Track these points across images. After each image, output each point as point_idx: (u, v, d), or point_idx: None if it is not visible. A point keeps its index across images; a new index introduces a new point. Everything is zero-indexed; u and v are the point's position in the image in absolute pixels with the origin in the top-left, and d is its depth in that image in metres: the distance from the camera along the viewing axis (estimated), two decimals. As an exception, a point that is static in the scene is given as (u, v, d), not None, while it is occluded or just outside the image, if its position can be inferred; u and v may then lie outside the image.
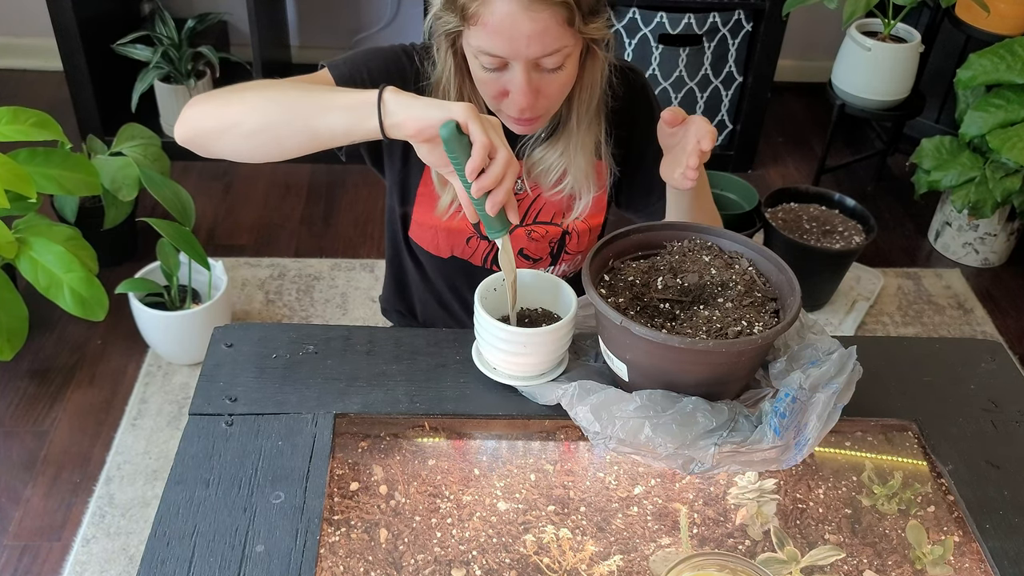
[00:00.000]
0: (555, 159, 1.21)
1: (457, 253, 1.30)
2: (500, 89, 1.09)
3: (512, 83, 1.07)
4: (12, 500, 1.87)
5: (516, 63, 1.05)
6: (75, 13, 2.52)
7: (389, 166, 1.27)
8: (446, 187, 1.22)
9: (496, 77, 1.08)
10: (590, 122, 1.19)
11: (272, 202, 2.76)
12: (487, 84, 1.10)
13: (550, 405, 1.05)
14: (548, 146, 1.21)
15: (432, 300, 1.41)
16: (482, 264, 1.32)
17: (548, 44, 1.04)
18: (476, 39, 1.05)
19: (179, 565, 0.88)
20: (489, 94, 1.11)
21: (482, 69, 1.08)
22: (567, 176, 1.22)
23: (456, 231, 1.28)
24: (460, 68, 1.14)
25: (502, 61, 1.06)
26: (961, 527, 1.01)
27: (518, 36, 1.02)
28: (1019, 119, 2.35)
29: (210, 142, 1.07)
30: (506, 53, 1.04)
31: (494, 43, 1.04)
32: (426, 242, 1.30)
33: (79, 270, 1.80)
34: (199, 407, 1.04)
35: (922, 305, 2.58)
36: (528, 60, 1.05)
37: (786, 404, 0.97)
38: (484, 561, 0.95)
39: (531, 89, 1.07)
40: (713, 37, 2.77)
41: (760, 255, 1.08)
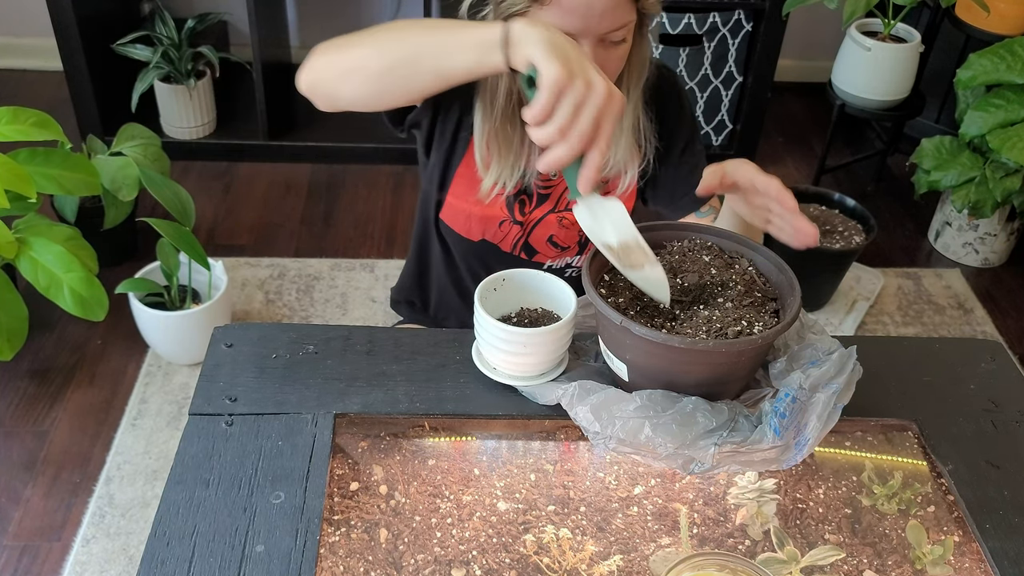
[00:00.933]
0: None
1: (488, 237, 1.32)
2: None
3: None
4: (12, 500, 1.87)
5: (585, 39, 1.09)
6: (75, 13, 2.52)
7: (437, 146, 1.28)
8: (488, 171, 1.24)
9: None
10: (636, 101, 1.23)
11: (272, 202, 2.76)
12: None
13: (550, 405, 1.05)
14: None
15: (451, 288, 1.42)
16: (510, 250, 1.33)
17: (619, 18, 1.09)
18: (548, 16, 1.08)
19: (179, 565, 0.88)
20: None
21: None
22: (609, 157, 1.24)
23: (490, 217, 1.30)
24: None
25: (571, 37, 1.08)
26: (961, 527, 1.01)
27: (592, 13, 1.07)
28: (1019, 119, 2.35)
29: (335, 87, 1.07)
30: (578, 30, 1.08)
31: (567, 20, 1.07)
32: (458, 225, 1.32)
33: (79, 270, 1.80)
34: (199, 407, 1.04)
35: (922, 305, 2.58)
36: (597, 36, 1.09)
37: (786, 404, 0.97)
38: (484, 561, 0.95)
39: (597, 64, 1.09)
40: (713, 37, 2.77)
41: (760, 255, 1.08)
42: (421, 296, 1.50)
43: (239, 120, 2.96)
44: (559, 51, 0.89)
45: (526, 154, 1.25)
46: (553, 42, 0.90)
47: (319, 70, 1.08)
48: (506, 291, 1.09)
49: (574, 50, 0.91)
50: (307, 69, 1.08)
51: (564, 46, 0.90)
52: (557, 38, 0.91)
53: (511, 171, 1.25)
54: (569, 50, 0.90)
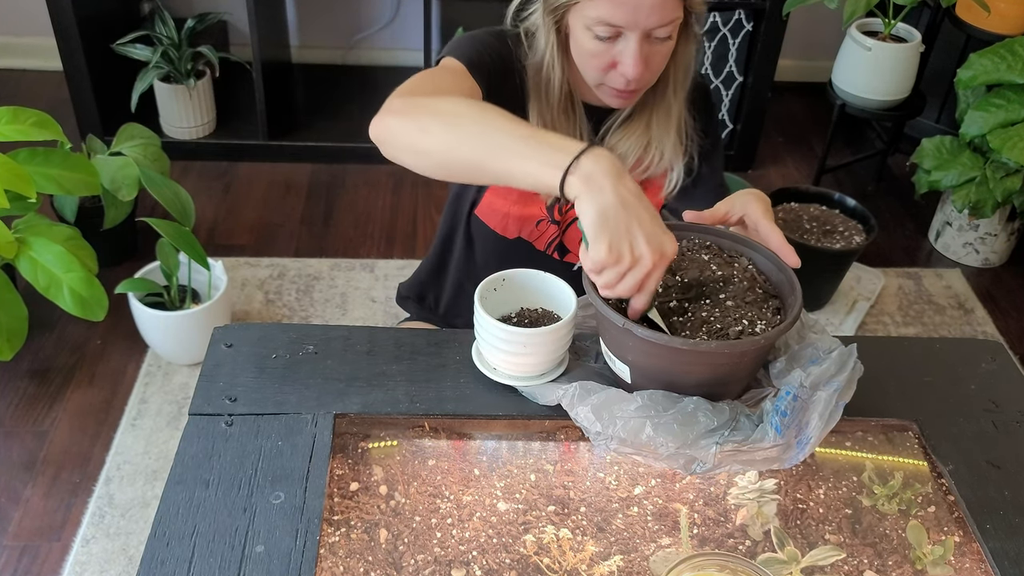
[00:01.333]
0: (633, 141, 1.26)
1: (524, 235, 1.33)
2: (609, 61, 1.13)
3: (624, 53, 1.12)
4: (12, 500, 1.87)
5: (631, 33, 1.10)
6: (75, 13, 2.52)
7: None
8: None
9: (606, 48, 1.12)
10: (682, 100, 1.25)
11: (272, 202, 2.76)
12: (596, 56, 1.14)
13: (550, 405, 1.05)
14: (626, 129, 1.26)
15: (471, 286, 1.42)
16: (544, 249, 1.34)
17: (666, 14, 1.09)
18: (595, 10, 1.09)
19: (179, 565, 0.88)
20: (597, 66, 1.15)
21: (593, 40, 1.12)
22: (647, 157, 1.26)
23: (529, 216, 1.31)
24: (563, 46, 1.19)
25: (617, 31, 1.10)
26: (961, 527, 1.01)
27: (640, 7, 1.08)
28: (1019, 119, 2.35)
29: (399, 155, 1.03)
30: (625, 23, 1.09)
31: (616, 13, 1.08)
32: (494, 222, 1.33)
33: (79, 270, 1.80)
34: (199, 407, 1.04)
35: (922, 305, 2.58)
36: (644, 30, 1.10)
37: (787, 402, 0.97)
38: (484, 561, 0.95)
39: (642, 59, 1.12)
40: (713, 37, 2.77)
41: (759, 254, 1.08)
42: (435, 293, 1.50)
43: (239, 120, 2.96)
44: (608, 227, 0.89)
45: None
46: (604, 214, 0.89)
47: (391, 130, 1.03)
48: (506, 291, 1.09)
49: (624, 218, 0.89)
50: (381, 124, 1.04)
51: (615, 218, 0.89)
52: (609, 204, 0.89)
53: None
54: (619, 222, 0.89)
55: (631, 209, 0.90)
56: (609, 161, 0.91)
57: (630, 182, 0.92)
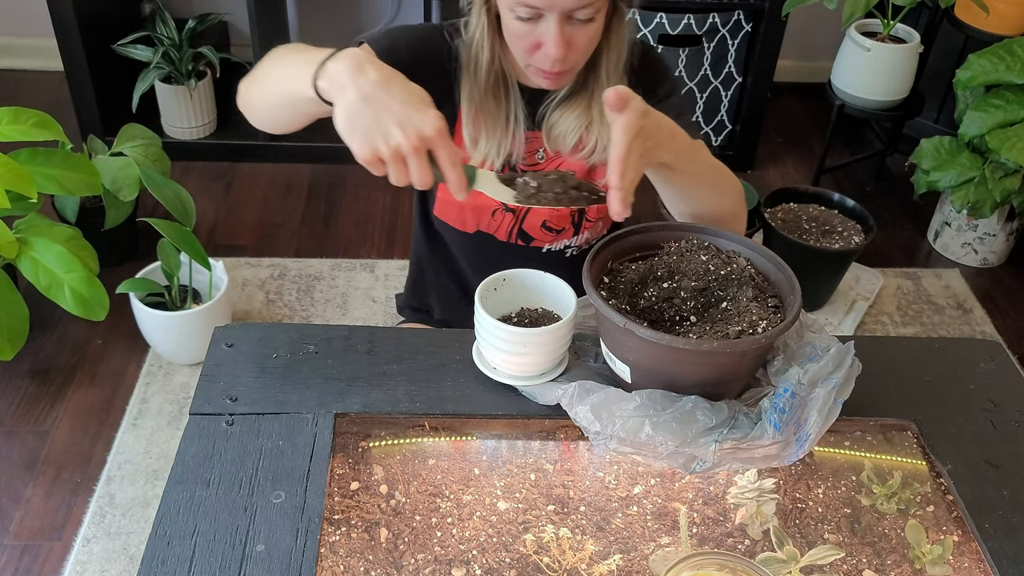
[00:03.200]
0: (572, 121, 1.24)
1: (483, 227, 1.33)
2: (533, 42, 1.13)
3: (545, 35, 1.11)
4: (13, 500, 1.88)
5: (551, 14, 1.10)
6: (76, 13, 2.52)
7: None
8: (476, 147, 1.25)
9: (530, 29, 1.12)
10: (618, 80, 1.23)
11: (272, 202, 2.77)
12: (520, 37, 1.14)
13: (550, 405, 1.05)
14: (565, 108, 1.25)
15: (454, 289, 1.43)
16: (507, 239, 1.34)
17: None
18: None
19: (179, 565, 0.88)
20: (522, 47, 1.15)
21: (516, 21, 1.12)
22: (588, 139, 1.25)
23: (482, 207, 1.31)
24: (492, 26, 1.19)
25: (537, 12, 1.10)
26: (960, 527, 1.01)
27: None
28: (1018, 119, 2.36)
29: (248, 116, 1.16)
30: (543, 4, 1.09)
31: None
32: (451, 218, 1.33)
33: (80, 270, 1.81)
34: (199, 407, 1.05)
35: (921, 305, 2.58)
36: (563, 11, 1.09)
37: (785, 399, 0.97)
38: (484, 561, 0.95)
39: (563, 40, 1.11)
40: (713, 37, 2.77)
41: (758, 254, 1.08)
42: (427, 301, 1.50)
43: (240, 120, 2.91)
44: (356, 124, 0.90)
45: (511, 132, 1.25)
46: (349, 112, 0.90)
47: (239, 97, 1.14)
48: (506, 291, 1.10)
49: (368, 111, 0.90)
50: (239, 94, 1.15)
51: (359, 114, 0.90)
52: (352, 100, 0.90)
53: (497, 148, 1.25)
54: (364, 116, 0.90)
55: (374, 100, 0.90)
56: (351, 57, 0.91)
57: (373, 72, 0.91)
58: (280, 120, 1.11)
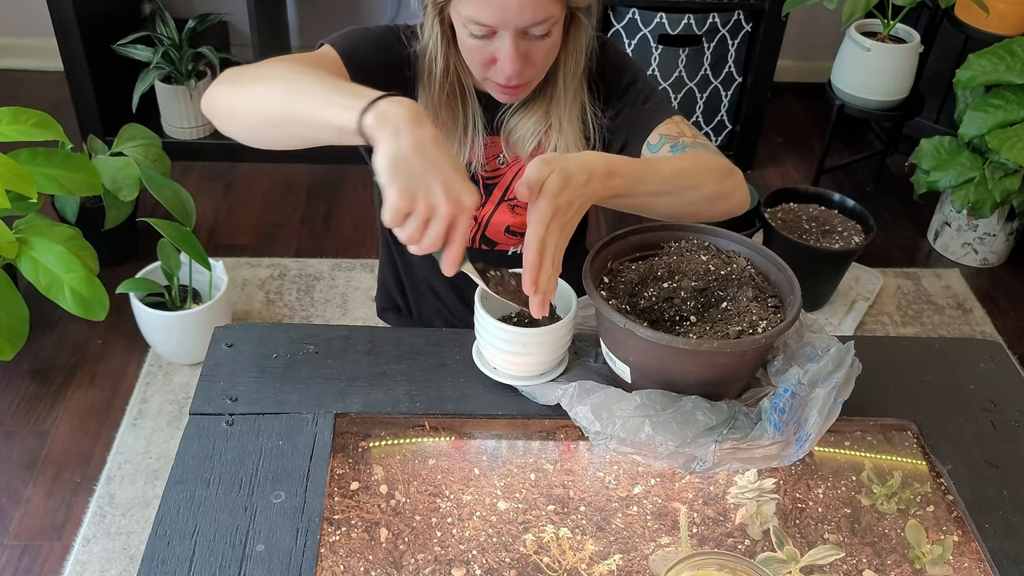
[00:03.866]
0: (531, 126, 1.23)
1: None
2: (488, 57, 1.11)
3: (500, 51, 1.10)
4: (13, 500, 1.88)
5: (505, 32, 1.08)
6: (76, 13, 2.52)
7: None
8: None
9: (484, 45, 1.10)
10: (576, 89, 1.21)
11: (272, 202, 2.77)
12: (474, 52, 1.12)
13: (550, 405, 1.05)
14: (524, 113, 1.23)
15: (425, 288, 1.42)
16: (470, 245, 1.32)
17: (538, 13, 1.06)
18: (467, 9, 1.07)
19: (179, 565, 0.88)
20: (476, 62, 1.13)
21: (470, 37, 1.10)
22: (548, 144, 1.23)
23: None
24: (447, 37, 1.17)
25: (491, 29, 1.08)
26: (960, 527, 1.01)
27: (509, 6, 1.05)
28: (1018, 119, 2.36)
29: (224, 123, 1.07)
30: (495, 22, 1.07)
31: (484, 12, 1.06)
32: None
33: (80, 270, 1.81)
34: (199, 407, 1.05)
35: (921, 305, 2.58)
36: (517, 29, 1.07)
37: (785, 399, 0.97)
38: (484, 561, 0.95)
39: (519, 56, 1.09)
40: (713, 37, 2.77)
41: (758, 254, 1.08)
42: (402, 300, 1.49)
43: (239, 120, 2.96)
44: (400, 171, 0.87)
45: (470, 139, 1.23)
46: (397, 158, 0.88)
47: (215, 101, 1.06)
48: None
49: (419, 163, 0.88)
50: (206, 94, 1.07)
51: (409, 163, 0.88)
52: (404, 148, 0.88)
53: (456, 152, 1.23)
54: (413, 167, 0.88)
55: (427, 154, 0.88)
56: (409, 107, 0.90)
57: (430, 128, 0.90)
58: (274, 136, 1.04)
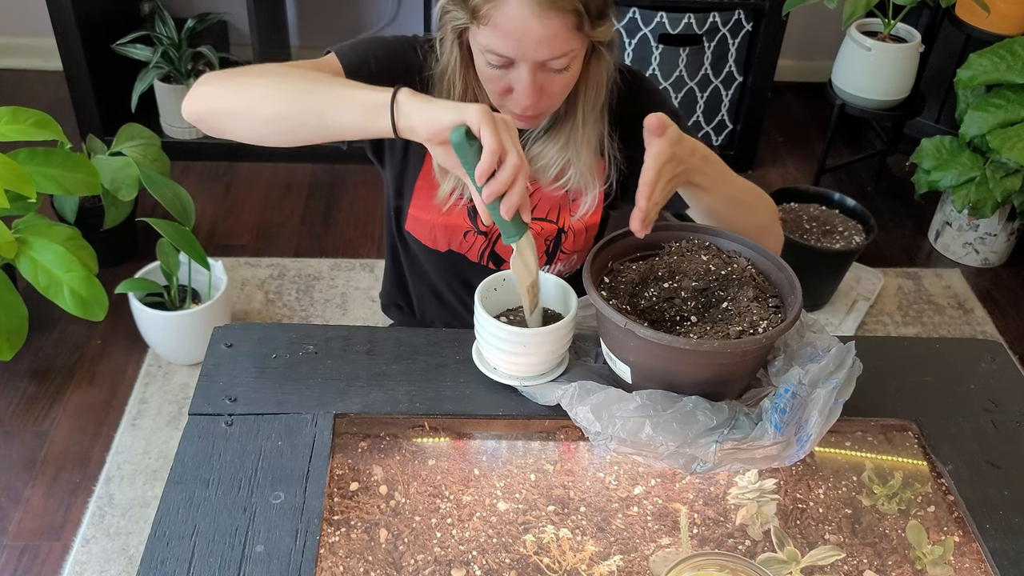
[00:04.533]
0: (554, 154, 1.22)
1: (454, 247, 1.31)
2: (505, 86, 1.10)
3: (517, 81, 1.08)
4: (12, 500, 1.87)
5: (523, 64, 1.07)
6: (75, 13, 2.52)
7: (389, 158, 1.28)
8: (447, 176, 1.22)
9: (501, 74, 1.09)
10: (595, 120, 1.20)
11: (272, 202, 2.76)
12: (492, 81, 1.11)
13: (550, 405, 1.05)
14: (547, 140, 1.22)
15: (428, 294, 1.42)
16: (478, 260, 1.32)
17: (556, 48, 1.05)
18: (484, 38, 1.06)
19: (179, 565, 0.88)
20: (493, 90, 1.12)
21: (487, 66, 1.09)
22: (568, 171, 1.22)
23: (453, 226, 1.28)
24: (465, 61, 1.15)
25: (509, 60, 1.07)
26: (961, 527, 1.01)
27: (527, 39, 1.03)
28: (1019, 119, 2.35)
29: (219, 122, 1.07)
30: (514, 55, 1.06)
31: (503, 44, 1.05)
32: (423, 236, 1.30)
33: (79, 270, 1.80)
34: (199, 407, 1.04)
35: (922, 305, 2.58)
36: (535, 62, 1.06)
37: (786, 400, 0.97)
38: (484, 561, 0.95)
39: (535, 89, 1.08)
40: (713, 37, 2.77)
41: (759, 254, 1.08)
42: (405, 300, 1.49)
43: (239, 120, 2.96)
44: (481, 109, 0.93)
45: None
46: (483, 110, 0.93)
47: (205, 105, 1.07)
48: (506, 291, 1.09)
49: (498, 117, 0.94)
50: (192, 100, 1.07)
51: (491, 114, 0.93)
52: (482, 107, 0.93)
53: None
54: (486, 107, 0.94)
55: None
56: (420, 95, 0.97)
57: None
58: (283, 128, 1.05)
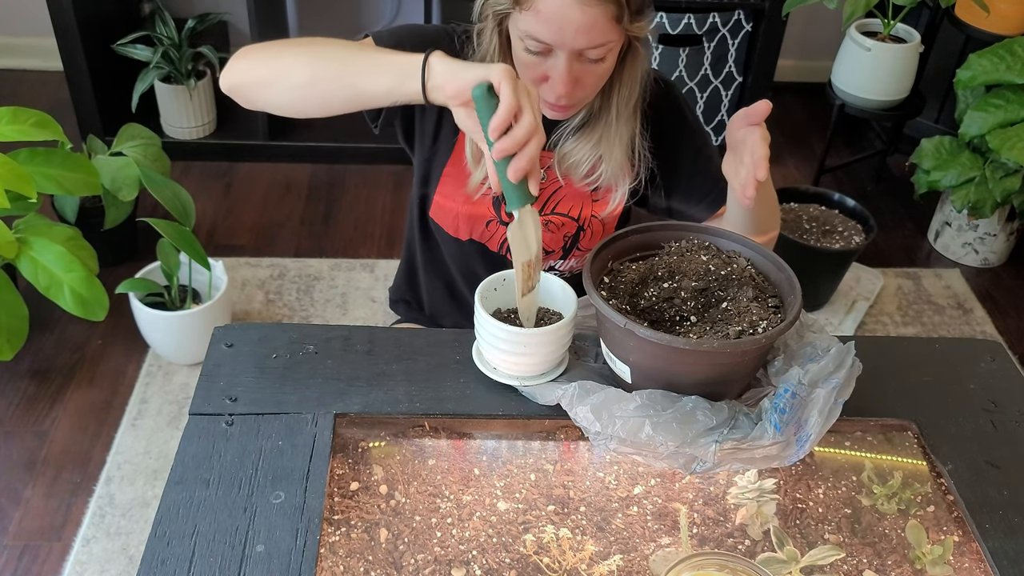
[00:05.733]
0: (587, 151, 1.24)
1: (476, 236, 1.32)
2: (541, 74, 1.13)
3: (554, 70, 1.11)
4: (12, 500, 1.88)
5: (560, 51, 1.09)
6: (75, 13, 2.52)
7: (419, 142, 1.29)
8: (479, 163, 1.24)
9: (539, 62, 1.12)
10: (628, 117, 1.23)
11: (272, 202, 2.77)
12: (528, 68, 1.13)
13: (550, 405, 1.05)
14: (580, 137, 1.24)
15: (442, 288, 1.43)
16: (497, 250, 1.34)
17: (595, 37, 1.08)
18: (525, 23, 1.09)
19: (179, 565, 0.88)
20: (529, 77, 1.15)
21: (525, 52, 1.12)
22: (599, 168, 1.25)
23: (478, 216, 1.30)
24: (504, 49, 1.18)
25: (547, 47, 1.10)
26: (961, 527, 1.01)
27: (567, 27, 1.06)
28: (1019, 119, 2.35)
29: (255, 92, 1.10)
30: (553, 41, 1.08)
31: (542, 30, 1.07)
32: (446, 223, 1.32)
33: (79, 270, 1.80)
34: (199, 407, 1.04)
35: (922, 305, 2.58)
36: (573, 50, 1.09)
37: (785, 400, 0.97)
38: (484, 561, 0.95)
39: (571, 78, 1.11)
40: (713, 37, 2.77)
41: (758, 254, 1.08)
42: (416, 296, 1.50)
43: (239, 120, 2.96)
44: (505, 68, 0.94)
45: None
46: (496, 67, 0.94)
47: (241, 76, 1.10)
48: (506, 291, 1.09)
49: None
50: (230, 71, 1.11)
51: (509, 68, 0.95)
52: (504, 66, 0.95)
53: None
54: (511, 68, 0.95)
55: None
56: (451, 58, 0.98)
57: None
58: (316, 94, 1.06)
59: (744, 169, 1.06)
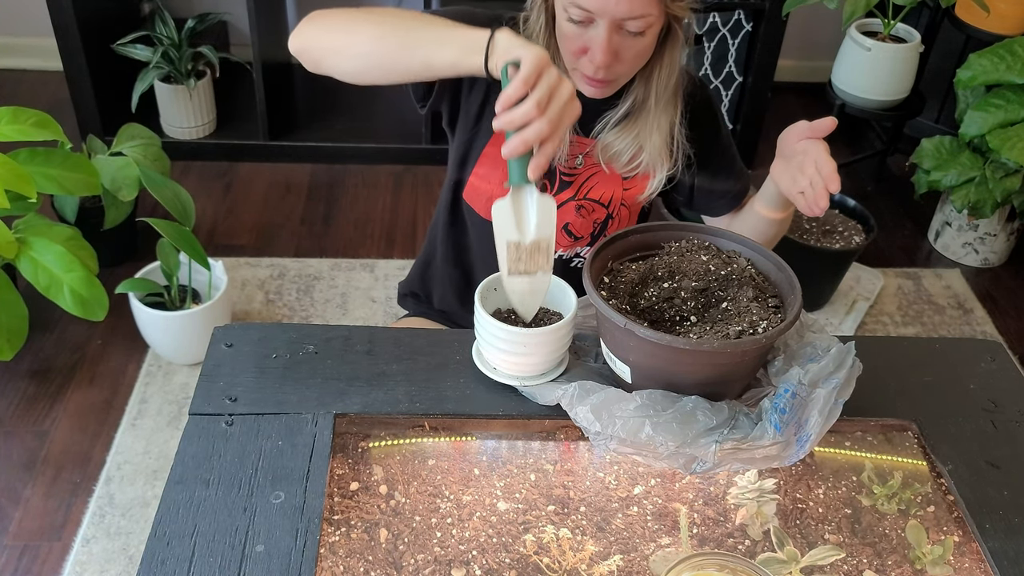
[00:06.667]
0: (628, 141, 1.27)
1: None
2: (581, 45, 1.16)
3: (594, 40, 1.14)
4: (12, 500, 1.88)
5: (601, 20, 1.12)
6: (75, 13, 2.52)
7: (463, 123, 1.31)
8: None
9: (580, 32, 1.14)
10: (667, 102, 1.26)
11: (272, 202, 2.77)
12: (570, 39, 1.16)
13: (550, 405, 1.05)
14: (622, 130, 1.27)
15: (459, 277, 1.44)
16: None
17: (636, 7, 1.10)
18: None
19: (179, 565, 0.88)
20: (570, 49, 1.17)
21: (568, 22, 1.15)
22: (640, 156, 1.28)
23: None
24: (549, 26, 1.22)
25: (589, 16, 1.12)
26: (961, 527, 1.01)
27: None
28: (1019, 119, 2.35)
29: (321, 56, 1.14)
30: (595, 8, 1.11)
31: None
32: (479, 206, 1.34)
33: (79, 270, 1.80)
34: (199, 407, 1.04)
35: (922, 305, 2.58)
36: (614, 19, 1.11)
37: (785, 400, 0.97)
38: (484, 561, 0.95)
39: (610, 48, 1.14)
40: (713, 37, 2.77)
41: (758, 254, 1.08)
42: (428, 287, 1.51)
43: (239, 120, 2.96)
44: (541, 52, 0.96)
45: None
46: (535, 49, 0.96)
47: (311, 40, 1.14)
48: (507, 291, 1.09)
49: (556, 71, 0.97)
50: (300, 34, 1.14)
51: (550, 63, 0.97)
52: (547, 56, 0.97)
53: None
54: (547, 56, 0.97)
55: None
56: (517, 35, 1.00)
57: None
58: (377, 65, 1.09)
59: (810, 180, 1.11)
